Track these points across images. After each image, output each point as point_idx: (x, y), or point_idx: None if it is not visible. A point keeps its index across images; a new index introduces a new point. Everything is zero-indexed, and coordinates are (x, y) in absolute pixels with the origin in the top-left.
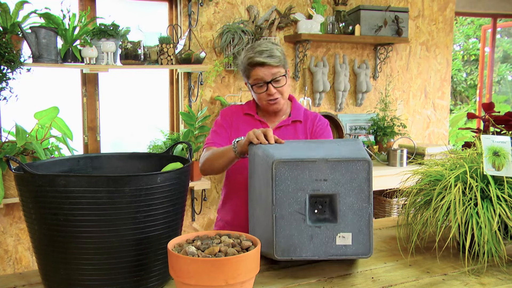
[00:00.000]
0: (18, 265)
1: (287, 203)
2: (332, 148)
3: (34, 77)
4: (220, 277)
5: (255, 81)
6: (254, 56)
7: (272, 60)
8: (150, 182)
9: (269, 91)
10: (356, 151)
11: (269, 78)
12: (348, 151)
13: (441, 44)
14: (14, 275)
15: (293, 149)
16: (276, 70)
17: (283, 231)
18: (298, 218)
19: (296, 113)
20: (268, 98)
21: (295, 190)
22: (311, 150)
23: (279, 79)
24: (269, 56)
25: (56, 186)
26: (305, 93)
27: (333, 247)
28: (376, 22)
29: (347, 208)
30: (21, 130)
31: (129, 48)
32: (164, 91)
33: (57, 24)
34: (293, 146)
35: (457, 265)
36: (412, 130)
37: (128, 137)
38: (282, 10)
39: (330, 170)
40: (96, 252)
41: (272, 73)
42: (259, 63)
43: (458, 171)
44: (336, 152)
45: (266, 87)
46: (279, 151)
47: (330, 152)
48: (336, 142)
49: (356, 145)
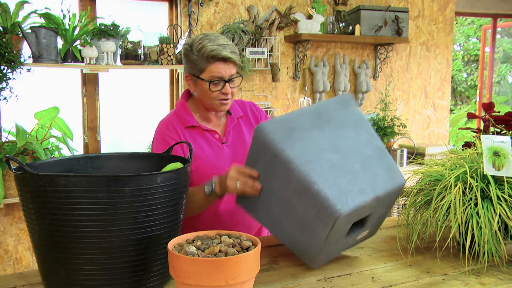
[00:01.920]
0: (18, 265)
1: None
2: (365, 158)
3: (34, 77)
4: (220, 277)
5: (212, 77)
6: (217, 49)
7: (236, 57)
8: (150, 182)
9: (225, 90)
10: (390, 169)
11: (228, 77)
12: (385, 170)
13: (441, 44)
14: (14, 275)
15: (335, 170)
16: (235, 69)
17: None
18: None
19: (234, 109)
20: (221, 98)
21: (345, 225)
22: (353, 170)
23: (235, 79)
24: (233, 52)
25: (56, 186)
26: (305, 93)
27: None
28: (376, 22)
29: (375, 218)
30: (21, 130)
31: (129, 48)
32: (164, 91)
33: (57, 24)
34: (330, 162)
35: (457, 265)
36: (412, 130)
37: (128, 137)
38: (282, 10)
39: (377, 202)
40: (96, 252)
41: (231, 71)
42: (224, 57)
43: (458, 171)
44: (381, 179)
45: (222, 85)
46: (332, 187)
47: (373, 176)
48: (347, 127)
49: (380, 150)
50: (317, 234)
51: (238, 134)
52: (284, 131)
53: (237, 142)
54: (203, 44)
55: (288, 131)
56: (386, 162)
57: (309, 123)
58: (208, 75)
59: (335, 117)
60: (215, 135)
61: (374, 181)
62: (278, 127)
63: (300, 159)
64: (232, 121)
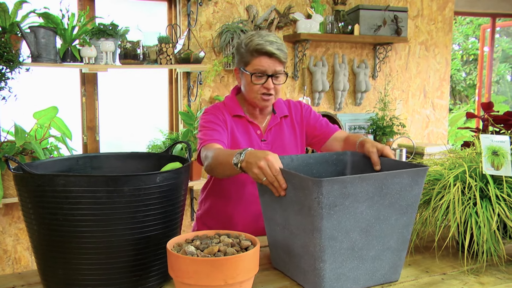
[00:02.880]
0: (17, 265)
1: None
2: (385, 248)
3: (33, 77)
4: (219, 277)
5: (256, 70)
6: (264, 44)
7: (282, 55)
8: (149, 182)
9: (267, 85)
10: (395, 265)
11: (271, 72)
12: (391, 265)
13: (440, 44)
14: (13, 275)
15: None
16: (280, 66)
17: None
18: None
19: (279, 109)
20: (263, 92)
21: None
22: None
23: (279, 76)
24: (279, 49)
25: (56, 186)
26: (304, 92)
27: None
28: (375, 22)
29: None
30: (20, 130)
31: (128, 48)
32: (163, 91)
33: (56, 23)
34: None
35: (456, 264)
36: (411, 129)
37: (127, 137)
38: (281, 10)
39: None
40: (95, 252)
41: (275, 67)
42: (268, 52)
43: (457, 170)
44: (379, 274)
45: (265, 79)
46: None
47: (377, 269)
48: (395, 209)
49: (403, 243)
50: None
51: (278, 133)
52: (336, 196)
53: (276, 141)
54: (252, 39)
55: (339, 197)
56: (398, 258)
57: (366, 193)
58: (252, 68)
59: (394, 193)
60: (257, 131)
61: (373, 273)
62: (334, 190)
63: (328, 232)
64: (275, 119)
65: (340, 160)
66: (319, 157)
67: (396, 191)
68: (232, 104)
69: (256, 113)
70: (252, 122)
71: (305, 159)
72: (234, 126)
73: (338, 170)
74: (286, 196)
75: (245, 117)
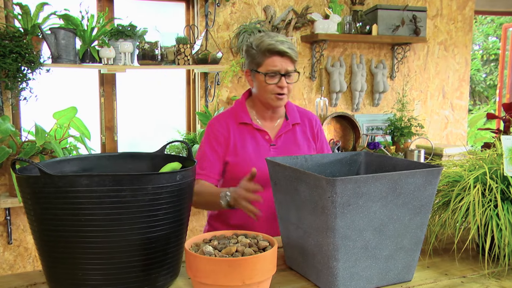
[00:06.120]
0: (38, 263)
1: None
2: (398, 248)
3: (53, 78)
4: (237, 277)
5: (269, 70)
6: (275, 44)
7: (293, 53)
8: (171, 180)
9: (281, 84)
10: (409, 265)
11: (284, 71)
12: (404, 265)
13: (460, 44)
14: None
15: None
16: (291, 65)
17: None
18: None
19: (292, 115)
20: (277, 91)
21: None
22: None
23: (291, 75)
24: (290, 48)
25: (78, 186)
26: (321, 93)
27: None
28: (394, 22)
29: None
30: (40, 130)
31: (146, 49)
32: (181, 91)
33: (76, 25)
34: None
35: (477, 267)
36: (429, 130)
37: (145, 136)
38: (298, 10)
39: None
40: (111, 251)
41: (287, 67)
42: (280, 51)
43: (477, 172)
44: (393, 274)
45: (278, 79)
46: None
47: (390, 268)
48: (409, 209)
49: (417, 244)
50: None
51: (290, 140)
52: (349, 196)
53: (286, 147)
54: (262, 40)
55: (353, 197)
56: (412, 258)
57: (379, 192)
58: (264, 69)
59: (407, 193)
60: (265, 136)
61: (387, 272)
62: (348, 189)
63: (342, 231)
64: (287, 126)
65: (354, 160)
66: (332, 157)
67: (409, 191)
68: (239, 110)
69: (267, 116)
70: (259, 128)
71: (319, 159)
72: (239, 134)
73: (352, 170)
74: (300, 195)
75: (251, 124)
